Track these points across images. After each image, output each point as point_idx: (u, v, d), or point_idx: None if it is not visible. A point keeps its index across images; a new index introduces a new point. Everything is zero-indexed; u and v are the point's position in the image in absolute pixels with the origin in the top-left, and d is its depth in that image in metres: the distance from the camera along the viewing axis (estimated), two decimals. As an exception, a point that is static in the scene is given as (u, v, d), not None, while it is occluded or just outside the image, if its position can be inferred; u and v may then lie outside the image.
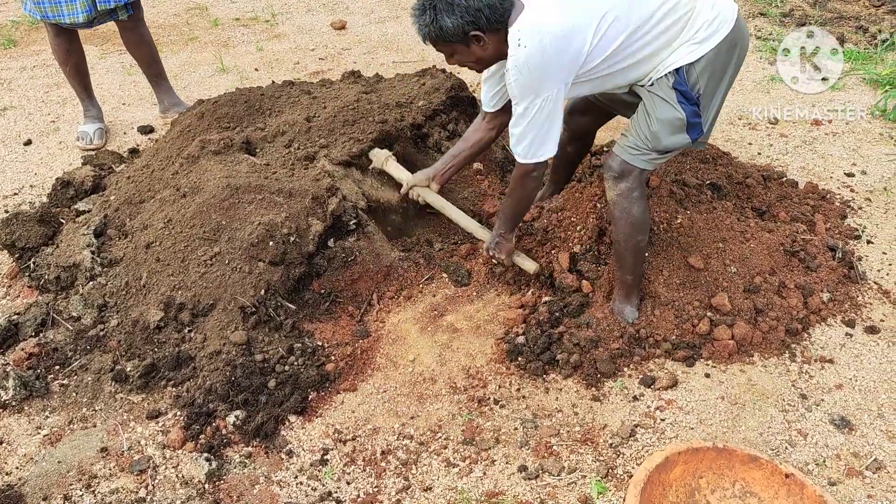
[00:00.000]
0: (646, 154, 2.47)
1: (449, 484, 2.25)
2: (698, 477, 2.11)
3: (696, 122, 2.42)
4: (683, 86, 2.37)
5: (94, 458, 2.33)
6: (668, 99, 2.40)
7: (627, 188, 2.52)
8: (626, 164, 2.50)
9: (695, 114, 2.40)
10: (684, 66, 2.36)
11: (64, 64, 4.18)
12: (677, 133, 2.43)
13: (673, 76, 2.38)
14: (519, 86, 2.32)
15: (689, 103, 2.39)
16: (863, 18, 5.63)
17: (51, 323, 2.80)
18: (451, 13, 2.26)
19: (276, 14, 6.56)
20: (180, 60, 5.61)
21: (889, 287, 2.99)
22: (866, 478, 2.23)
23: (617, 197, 2.54)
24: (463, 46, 2.36)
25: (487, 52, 2.38)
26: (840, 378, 2.58)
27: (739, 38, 2.41)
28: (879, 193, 3.59)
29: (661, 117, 2.41)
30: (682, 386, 2.55)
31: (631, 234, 2.57)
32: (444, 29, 2.29)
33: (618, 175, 2.52)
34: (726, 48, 2.37)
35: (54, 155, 4.19)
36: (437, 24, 2.28)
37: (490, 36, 2.32)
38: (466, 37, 2.31)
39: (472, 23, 2.27)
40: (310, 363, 2.62)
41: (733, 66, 2.45)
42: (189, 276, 2.74)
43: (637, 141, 2.48)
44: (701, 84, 2.38)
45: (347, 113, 3.30)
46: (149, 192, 3.14)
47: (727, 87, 2.48)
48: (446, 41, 2.34)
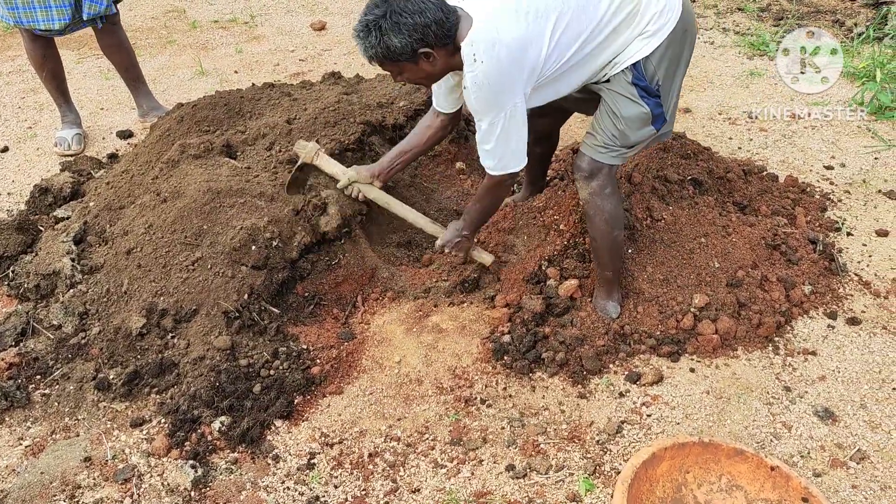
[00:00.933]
0: (615, 151, 2.50)
1: (437, 485, 2.24)
2: (685, 472, 2.12)
3: (660, 113, 2.45)
4: (643, 80, 2.39)
5: (78, 467, 2.30)
6: (629, 95, 2.42)
7: (599, 185, 2.53)
8: (596, 163, 2.52)
9: (657, 105, 2.43)
10: (641, 61, 2.37)
11: (40, 69, 4.13)
12: (644, 127, 2.46)
13: (630, 72, 2.39)
14: (480, 101, 2.28)
15: (650, 96, 2.41)
16: (839, 12, 5.68)
17: (31, 332, 2.76)
18: (398, 32, 2.17)
19: (255, 16, 6.52)
20: (159, 64, 5.57)
21: (869, 278, 3.01)
22: (850, 468, 2.24)
23: (589, 196, 2.55)
24: (411, 65, 2.28)
25: (436, 67, 2.31)
26: (823, 370, 2.60)
27: (689, 23, 2.43)
28: (858, 185, 3.62)
29: (626, 115, 2.43)
30: (668, 381, 2.56)
31: (607, 230, 2.58)
32: (391, 49, 2.21)
33: (588, 174, 2.53)
34: (679, 36, 2.39)
35: (32, 162, 4.14)
36: (384, 45, 2.20)
37: (439, 51, 2.26)
38: (415, 55, 2.24)
39: (420, 40, 2.20)
40: (295, 367, 2.60)
41: (687, 51, 2.47)
42: (171, 281, 2.72)
43: (605, 139, 2.49)
44: (659, 75, 2.40)
45: (328, 114, 3.28)
46: (129, 198, 3.11)
47: (683, 73, 2.51)
48: (394, 61, 2.26)
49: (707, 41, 5.48)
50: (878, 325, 2.78)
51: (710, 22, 5.84)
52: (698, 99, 4.59)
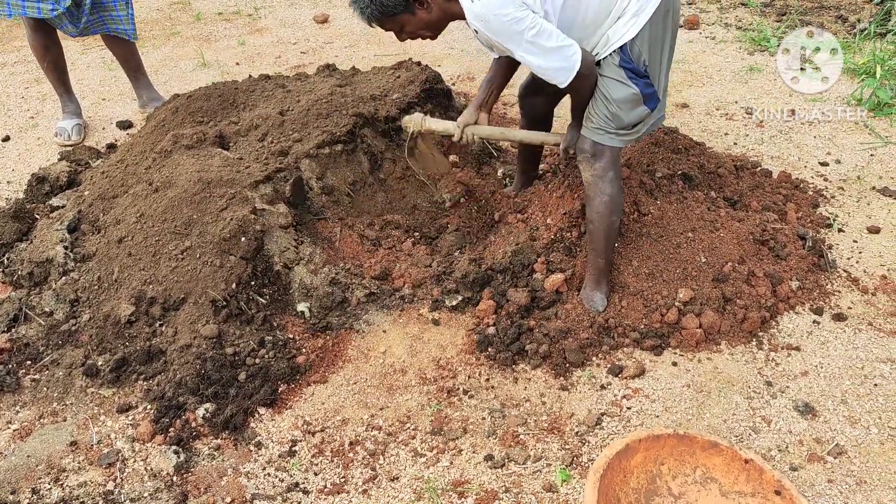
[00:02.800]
0: (613, 133, 2.52)
1: (415, 474, 2.27)
2: (660, 463, 2.13)
3: (651, 92, 2.48)
4: (630, 63, 2.43)
5: (64, 451, 2.35)
6: (618, 78, 2.45)
7: (602, 168, 2.56)
8: (598, 145, 2.55)
9: (647, 85, 2.46)
10: (627, 44, 2.41)
11: (42, 59, 4.17)
12: (637, 107, 2.49)
13: (617, 55, 2.43)
14: (498, 34, 2.30)
15: (638, 77, 2.44)
16: (843, 8, 5.64)
17: (23, 318, 2.80)
18: None
19: (259, 8, 6.55)
20: (162, 55, 5.61)
21: (858, 275, 3.01)
22: (827, 463, 2.25)
23: (592, 177, 2.58)
24: (409, 15, 2.39)
25: (433, 13, 2.40)
26: (806, 365, 2.60)
27: (671, 3, 2.44)
28: (853, 182, 3.61)
29: (616, 97, 2.46)
30: (650, 374, 2.57)
31: (605, 214, 2.60)
32: (384, 2, 2.32)
33: (591, 154, 2.57)
34: (661, 16, 2.42)
35: (32, 151, 4.19)
36: (378, 1, 2.31)
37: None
38: (409, 3, 2.34)
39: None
40: (280, 356, 2.63)
41: (671, 32, 2.49)
42: (160, 270, 2.75)
43: (601, 122, 2.52)
44: (645, 55, 2.43)
45: (321, 106, 3.30)
46: (122, 187, 3.14)
47: (670, 52, 2.52)
48: (390, 14, 2.37)
49: (708, 36, 5.46)
50: (864, 321, 2.78)
51: (713, 17, 5.82)
52: (696, 94, 4.58)
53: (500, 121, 4.26)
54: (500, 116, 4.33)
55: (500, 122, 4.24)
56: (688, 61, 5.04)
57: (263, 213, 2.88)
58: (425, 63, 4.01)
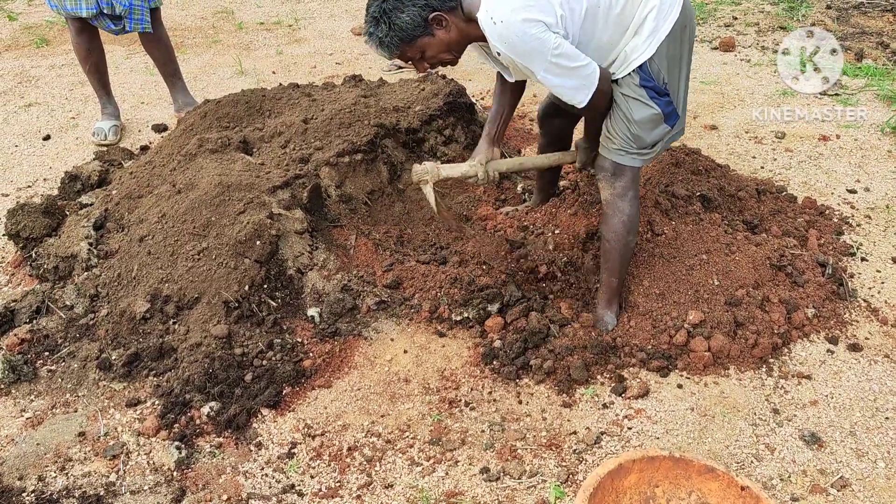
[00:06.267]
0: (634, 153, 2.52)
1: (410, 482, 2.28)
2: (654, 486, 2.10)
3: (671, 111, 2.47)
4: (650, 81, 2.41)
5: (71, 441, 2.41)
6: (639, 98, 2.44)
7: (623, 187, 2.56)
8: (619, 165, 2.54)
9: (667, 103, 2.45)
10: (646, 62, 2.39)
11: (84, 62, 4.33)
12: (657, 126, 2.48)
13: (637, 74, 2.42)
14: (522, 55, 2.29)
15: (660, 96, 2.43)
16: (885, 34, 5.54)
17: (45, 311, 2.89)
18: (403, 8, 2.26)
19: (300, 19, 6.69)
20: (202, 62, 5.76)
21: (878, 305, 2.94)
22: (830, 495, 2.20)
23: (611, 196, 2.58)
24: (429, 38, 2.34)
25: (453, 33, 2.36)
26: (816, 394, 2.55)
27: (687, 19, 2.43)
28: (881, 211, 3.54)
29: (638, 118, 2.45)
30: (654, 396, 2.55)
31: (623, 233, 2.59)
32: (403, 28, 2.28)
33: (612, 173, 2.56)
34: (678, 32, 2.40)
35: (70, 150, 4.34)
36: (396, 26, 2.28)
37: (449, 15, 2.32)
38: (427, 24, 2.30)
39: (426, 6, 2.27)
40: (287, 359, 2.67)
41: (687, 46, 2.48)
42: (177, 269, 2.82)
43: (622, 143, 2.51)
44: (664, 73, 2.42)
45: (344, 115, 3.36)
46: (147, 188, 3.23)
47: (688, 67, 2.51)
48: (411, 40, 2.33)
49: (743, 59, 5.40)
50: (881, 353, 2.72)
51: (750, 39, 5.76)
52: (726, 117, 4.53)
53: (527, 136, 4.28)
54: (526, 132, 4.34)
55: (527, 137, 4.25)
56: (720, 83, 4.99)
57: (280, 218, 2.94)
58: (455, 77, 4.06)
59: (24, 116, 4.79)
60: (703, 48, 5.67)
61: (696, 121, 4.48)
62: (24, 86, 5.28)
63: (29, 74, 5.49)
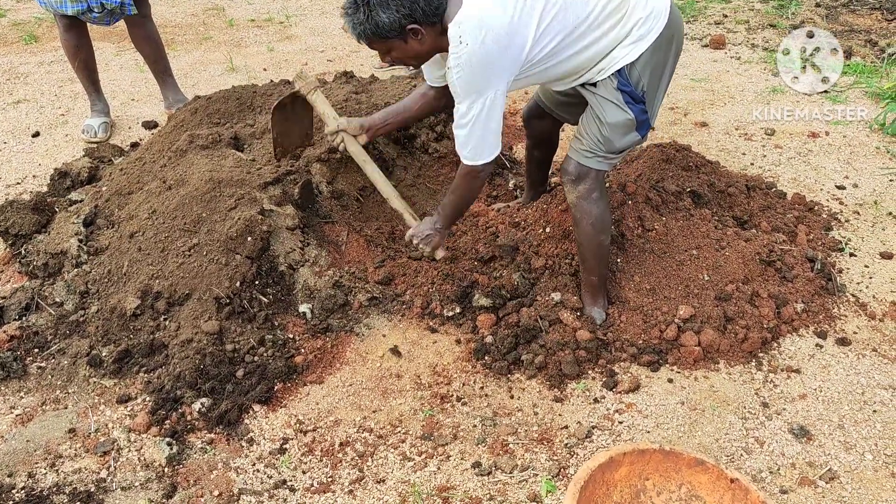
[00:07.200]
0: (600, 156, 2.50)
1: (402, 477, 2.28)
2: (644, 478, 2.12)
3: (644, 119, 2.45)
4: (628, 86, 2.39)
5: (62, 438, 2.40)
6: (615, 101, 2.42)
7: (586, 190, 2.54)
8: (582, 167, 2.53)
9: (642, 111, 2.43)
10: (625, 67, 2.38)
11: (73, 58, 4.30)
12: (629, 133, 2.46)
13: (616, 78, 2.40)
14: (462, 83, 2.29)
15: (635, 103, 2.41)
16: (874, 32, 5.58)
17: (35, 307, 2.88)
18: (386, 7, 2.20)
19: (291, 16, 6.67)
20: (192, 59, 5.73)
21: (866, 300, 2.97)
22: (818, 487, 2.22)
23: (577, 199, 2.56)
24: (400, 42, 2.31)
25: (425, 46, 2.33)
26: (805, 388, 2.57)
27: (675, 31, 2.42)
28: (869, 207, 3.56)
29: (611, 121, 2.44)
30: (644, 390, 2.56)
31: (592, 234, 2.59)
32: (379, 25, 2.23)
33: (575, 178, 2.55)
34: (664, 43, 2.39)
35: (60, 147, 4.31)
36: (373, 21, 2.23)
37: (427, 29, 2.28)
38: (403, 31, 2.26)
39: (408, 16, 2.22)
40: (279, 354, 2.67)
41: (672, 59, 2.47)
42: (167, 265, 2.81)
43: (591, 144, 2.50)
44: (644, 81, 2.40)
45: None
46: (138, 184, 3.22)
47: (668, 80, 2.50)
48: (382, 38, 2.29)
49: (733, 56, 5.43)
50: (869, 346, 2.74)
51: (740, 37, 5.78)
52: (716, 114, 4.55)
53: (519, 133, 4.27)
54: (518, 129, 4.34)
55: (518, 134, 4.25)
56: (710, 80, 5.01)
57: (271, 214, 2.93)
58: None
59: (13, 113, 4.76)
60: (693, 45, 5.69)
61: (687, 118, 4.50)
62: (12, 82, 5.24)
63: (18, 71, 5.45)
